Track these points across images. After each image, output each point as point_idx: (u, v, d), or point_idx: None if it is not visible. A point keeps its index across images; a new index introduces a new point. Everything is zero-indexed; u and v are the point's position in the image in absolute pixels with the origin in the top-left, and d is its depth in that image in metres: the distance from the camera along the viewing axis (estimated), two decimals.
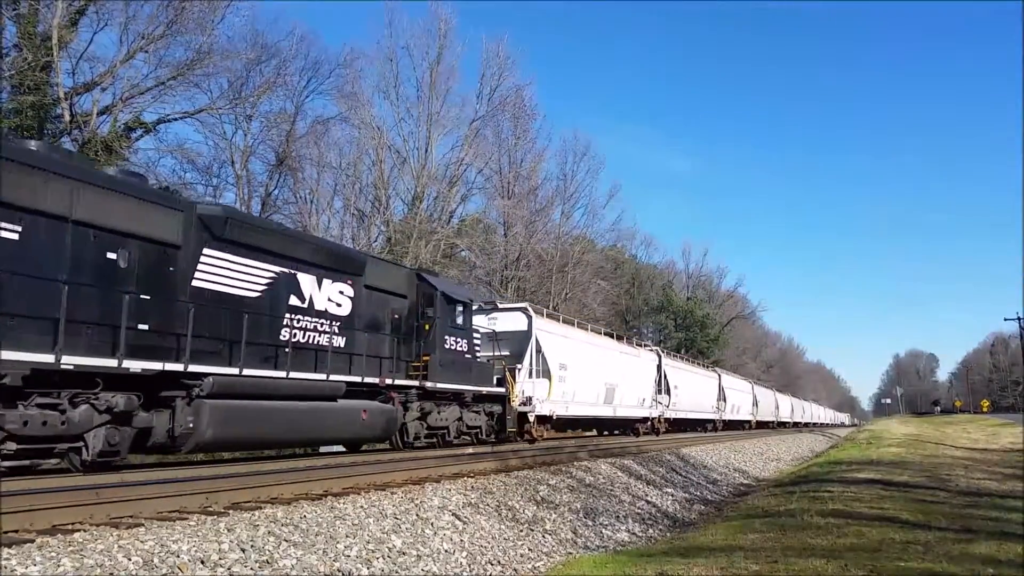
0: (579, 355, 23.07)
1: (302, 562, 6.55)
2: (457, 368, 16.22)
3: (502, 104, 36.14)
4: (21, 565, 5.12)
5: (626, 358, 27.60)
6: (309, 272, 12.74)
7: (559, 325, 22.91)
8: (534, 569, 8.70)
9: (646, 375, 29.56)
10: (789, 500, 14.07)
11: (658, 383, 30.99)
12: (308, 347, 12.52)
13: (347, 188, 31.86)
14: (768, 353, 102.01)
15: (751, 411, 50.27)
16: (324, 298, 13.05)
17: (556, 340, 21.74)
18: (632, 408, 27.80)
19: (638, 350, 29.92)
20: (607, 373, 25.19)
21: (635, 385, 27.99)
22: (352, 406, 12.98)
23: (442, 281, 16.97)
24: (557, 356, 21.38)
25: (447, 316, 16.16)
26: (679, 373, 34.27)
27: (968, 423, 62.53)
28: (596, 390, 24.45)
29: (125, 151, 22.21)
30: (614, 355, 26.59)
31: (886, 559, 7.83)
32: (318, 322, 12.78)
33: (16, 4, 20.03)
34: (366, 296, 14.13)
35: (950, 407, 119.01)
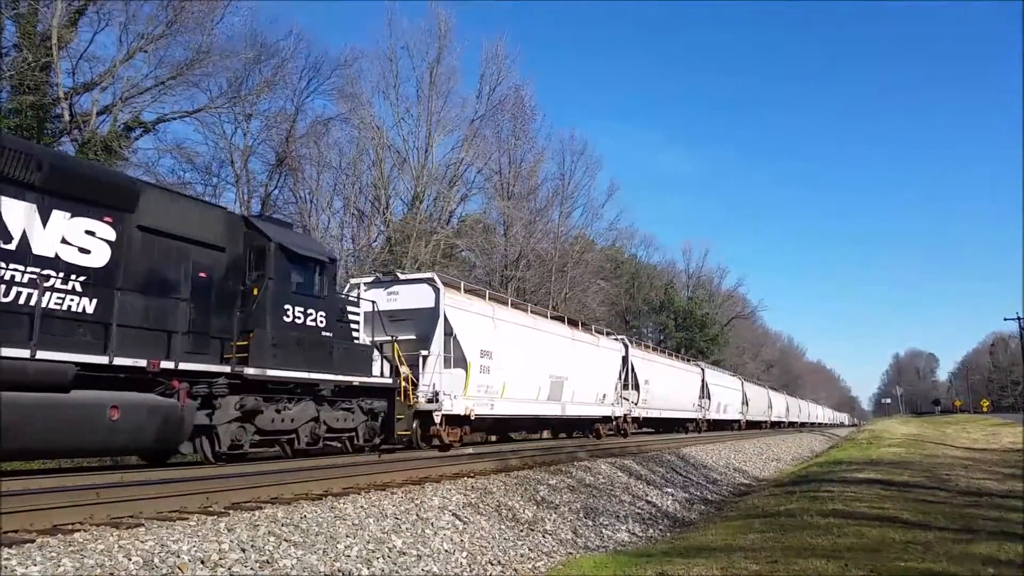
0: (510, 341, 18.67)
1: (302, 562, 6.55)
2: (306, 350, 12.07)
3: (501, 104, 36.13)
4: (21, 565, 5.12)
5: (580, 347, 23.26)
6: (21, 197, 8.72)
7: (482, 303, 18.35)
8: (534, 569, 8.70)
9: (608, 367, 25.52)
10: (789, 500, 14.08)
11: (624, 377, 27.08)
12: (15, 310, 8.46)
13: (347, 188, 31.85)
14: (768, 353, 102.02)
15: (740, 410, 47.01)
16: (52, 239, 8.97)
17: (476, 321, 17.39)
18: (588, 406, 23.67)
19: (597, 337, 25.40)
20: (553, 364, 20.95)
21: (592, 379, 23.84)
22: (91, 401, 8.84)
23: (283, 230, 12.57)
24: (477, 341, 17.21)
25: (288, 278, 11.99)
26: (651, 366, 30.22)
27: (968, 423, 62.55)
28: (537, 384, 20.18)
29: (124, 151, 22.21)
30: (563, 343, 22.13)
31: (886, 559, 7.83)
32: (37, 273, 8.67)
33: (16, 4, 20.02)
34: (140, 242, 10.05)
35: (950, 407, 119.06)
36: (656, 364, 31.35)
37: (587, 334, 24.53)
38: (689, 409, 35.98)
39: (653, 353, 32.34)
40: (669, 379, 32.65)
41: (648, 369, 29.69)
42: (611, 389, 25.60)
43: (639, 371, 28.29)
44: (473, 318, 17.36)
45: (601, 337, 25.86)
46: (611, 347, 26.22)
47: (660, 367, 31.77)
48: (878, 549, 8.49)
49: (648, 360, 30.34)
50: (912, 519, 10.88)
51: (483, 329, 17.70)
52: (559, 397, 21.31)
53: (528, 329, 20.23)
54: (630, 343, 28.28)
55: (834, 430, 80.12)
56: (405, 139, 33.35)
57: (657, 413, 30.72)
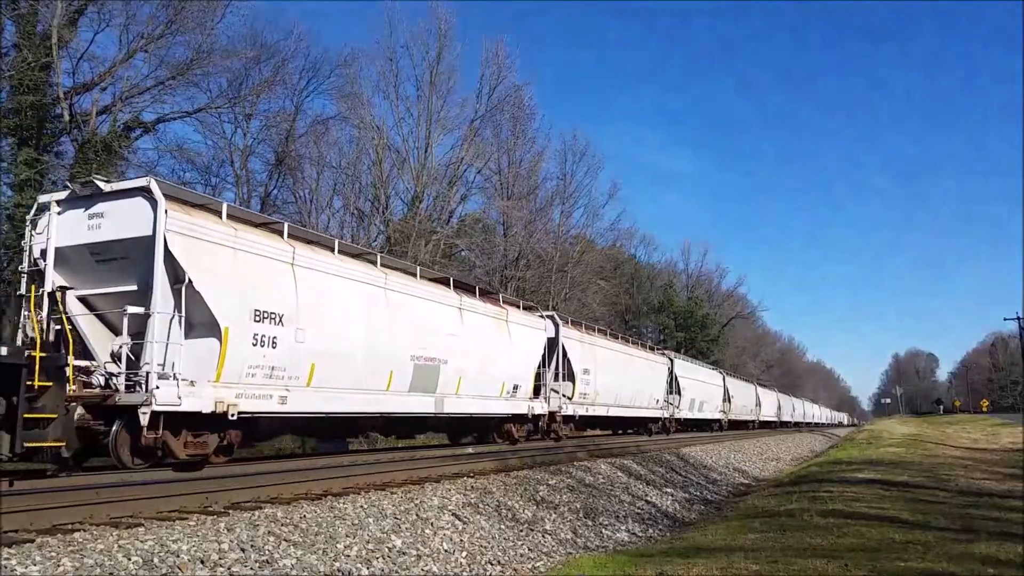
0: (328, 299, 12.52)
1: (302, 562, 6.55)
2: None
3: (501, 104, 36.08)
4: (21, 565, 5.12)
5: (475, 321, 17.04)
6: None
7: (267, 238, 11.65)
8: (534, 569, 8.70)
9: (524, 351, 19.40)
10: (789, 500, 14.08)
11: (555, 364, 21.51)
12: None
13: (347, 188, 31.83)
14: (768, 353, 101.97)
15: (720, 407, 41.21)
16: None
17: (248, 264, 10.97)
18: (487, 400, 17.72)
19: (505, 310, 18.90)
20: (420, 340, 14.80)
21: (496, 365, 17.82)
22: None
23: None
24: (248, 295, 10.85)
25: None
26: (593, 352, 24.08)
27: (968, 423, 62.58)
28: (386, 366, 13.85)
29: (124, 151, 22.22)
30: (442, 313, 15.90)
31: (886, 559, 7.83)
32: None
33: (16, 4, 20.03)
34: None
35: (950, 407, 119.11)
36: (601, 350, 24.91)
37: (489, 304, 17.96)
38: (651, 406, 30.04)
39: (598, 336, 25.71)
40: (621, 369, 26.43)
41: (589, 356, 23.67)
42: (528, 380, 19.51)
43: (576, 358, 22.52)
44: (241, 259, 10.81)
45: (513, 311, 19.37)
46: (530, 324, 19.98)
47: (607, 354, 25.39)
48: (878, 549, 8.49)
49: (590, 345, 24.11)
50: (912, 519, 10.89)
51: (265, 277, 11.23)
52: (431, 387, 15.11)
53: (368, 287, 13.49)
54: (562, 321, 22.44)
55: (833, 430, 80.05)
56: (405, 139, 33.36)
57: (603, 410, 24.80)
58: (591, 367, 23.57)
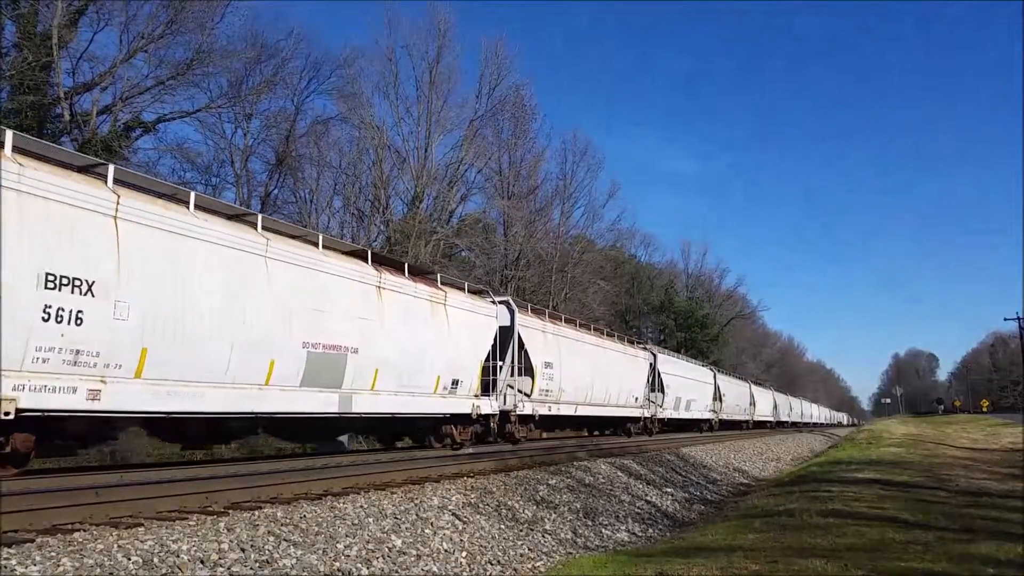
0: (162, 262, 9.83)
1: (302, 562, 6.55)
2: None
3: (501, 104, 36.17)
4: (21, 565, 5.12)
5: (398, 300, 14.28)
6: None
7: (42, 171, 8.59)
8: (534, 569, 8.70)
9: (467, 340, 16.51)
10: (789, 500, 14.08)
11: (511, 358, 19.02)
12: None
13: (347, 188, 31.89)
14: (768, 353, 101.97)
15: (710, 406, 38.56)
16: None
17: (7, 201, 8.08)
18: (417, 398, 14.80)
19: (443, 292, 15.96)
20: (319, 323, 12.18)
21: (428, 355, 15.00)
22: None
23: None
24: (5, 249, 8.03)
25: None
26: (557, 344, 21.54)
27: (968, 423, 62.57)
28: (265, 355, 11.12)
29: (125, 151, 22.22)
30: (346, 288, 13.00)
31: (886, 559, 7.83)
32: None
33: (16, 4, 20.05)
34: None
35: (950, 406, 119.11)
36: (569, 342, 22.27)
37: (420, 284, 15.22)
38: (630, 405, 27.24)
39: (566, 326, 22.99)
40: (593, 364, 23.73)
41: (553, 348, 21.11)
42: (472, 373, 16.65)
43: (535, 349, 19.89)
44: (29, 205, 8.31)
45: (455, 293, 16.50)
46: (476, 309, 17.09)
47: (576, 346, 22.76)
48: (878, 549, 8.49)
49: (554, 335, 21.47)
50: (912, 519, 10.88)
51: (68, 231, 8.68)
52: (335, 382, 12.48)
53: (240, 253, 10.73)
54: (519, 308, 19.65)
55: (832, 430, 79.98)
56: (405, 139, 33.40)
57: (570, 409, 22.17)
58: (555, 360, 20.83)
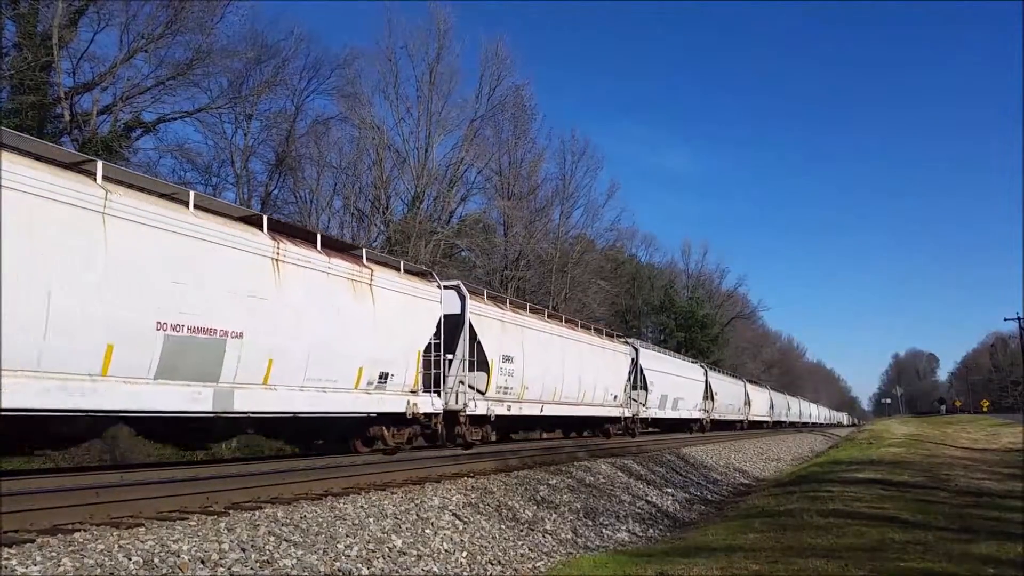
0: None
1: (302, 562, 6.55)
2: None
3: (501, 104, 36.13)
4: (21, 565, 5.12)
5: (309, 279, 12.09)
6: None
7: None
8: (534, 569, 8.70)
9: (402, 327, 14.33)
10: (789, 500, 14.08)
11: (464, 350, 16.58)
12: None
13: (347, 188, 31.88)
14: (768, 353, 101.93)
15: (700, 406, 36.35)
16: None
17: None
18: (336, 393, 12.54)
19: (369, 271, 13.59)
20: (188, 306, 9.93)
21: (347, 344, 12.77)
22: None
23: None
24: None
25: None
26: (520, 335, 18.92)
27: (968, 423, 62.56)
28: (137, 347, 9.21)
29: (125, 151, 22.22)
30: (246, 264, 10.95)
31: (886, 559, 7.83)
32: None
33: (16, 3, 20.04)
34: None
35: (951, 406, 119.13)
36: (534, 333, 19.81)
37: (336, 259, 12.75)
38: (608, 404, 24.72)
39: (530, 316, 20.19)
40: (562, 358, 21.35)
41: (514, 340, 18.56)
42: (408, 366, 14.31)
43: (490, 341, 17.37)
44: None
45: (384, 271, 14.07)
46: (413, 292, 14.74)
47: (542, 338, 20.31)
48: (878, 549, 8.49)
49: (515, 326, 18.90)
50: (912, 519, 10.88)
51: None
52: (208, 373, 10.06)
53: (57, 205, 8.34)
54: (471, 293, 17.16)
55: (832, 430, 79.92)
56: (405, 139, 33.38)
57: (534, 409, 19.59)
58: (517, 354, 18.35)
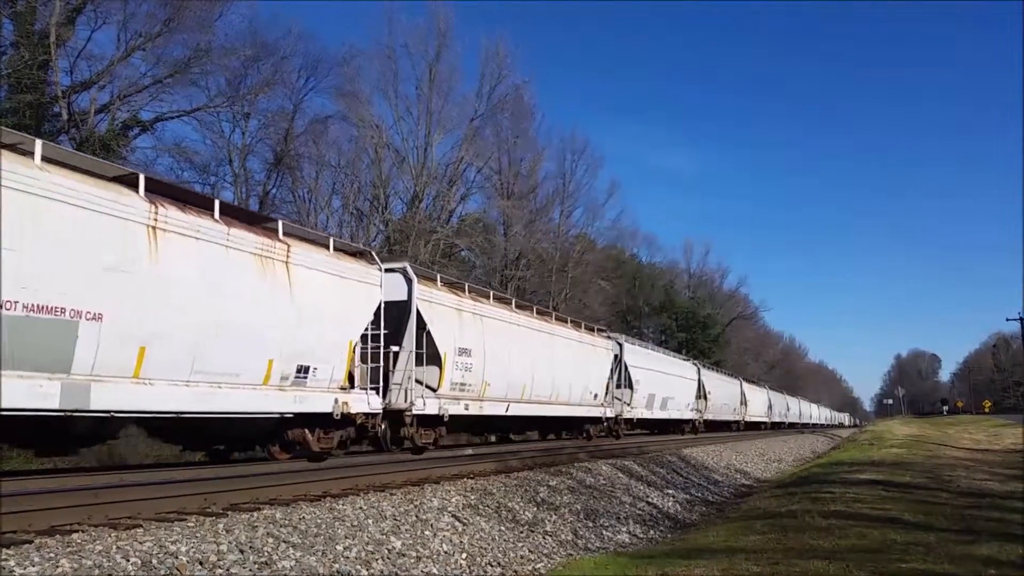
0: None
1: (301, 563, 6.52)
2: None
3: (502, 103, 36.15)
4: (19, 566, 5.10)
5: (179, 247, 9.79)
6: None
7: None
8: (534, 571, 8.67)
9: (319, 310, 12.13)
10: (791, 501, 14.04)
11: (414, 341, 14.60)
12: None
13: (346, 187, 31.87)
14: (770, 353, 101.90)
15: (692, 405, 34.75)
16: None
17: None
18: (240, 390, 10.62)
19: (272, 244, 11.29)
20: None
21: (236, 339, 10.57)
22: None
23: None
24: None
25: None
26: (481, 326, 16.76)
27: (970, 424, 62.56)
28: None
29: (123, 150, 22.21)
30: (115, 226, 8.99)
31: (888, 560, 7.80)
32: None
33: (14, 2, 20.02)
34: None
35: (952, 407, 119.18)
36: (496, 324, 17.59)
37: (238, 230, 10.66)
38: (587, 403, 22.85)
39: (494, 305, 17.97)
40: (532, 352, 19.10)
41: (473, 331, 16.44)
42: (335, 360, 12.30)
43: (443, 332, 15.22)
44: None
45: (303, 247, 11.99)
46: (343, 273, 12.66)
47: (506, 330, 18.10)
48: (880, 550, 8.46)
49: (474, 315, 16.68)
50: (914, 520, 10.85)
51: None
52: (58, 363, 8.34)
53: None
54: (418, 277, 15.01)
55: (834, 431, 79.88)
56: (404, 138, 33.38)
57: (498, 408, 17.49)
58: (476, 346, 16.32)
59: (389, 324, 13.86)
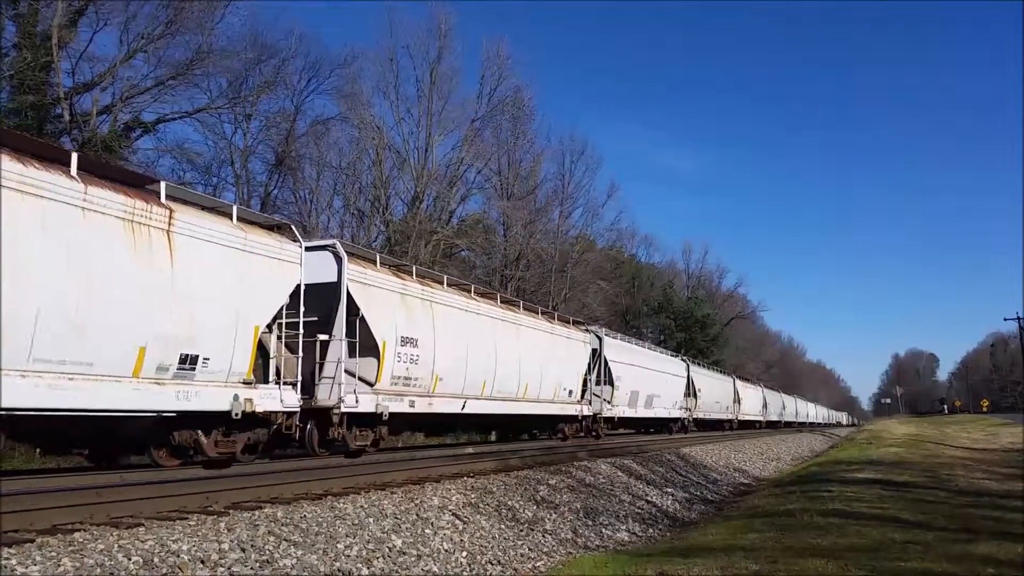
0: None
1: (302, 562, 6.55)
2: None
3: (502, 104, 36.21)
4: (21, 565, 5.12)
5: None
6: None
7: None
8: (534, 569, 8.70)
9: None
10: (789, 500, 14.07)
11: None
12: None
13: (347, 188, 31.96)
14: (768, 353, 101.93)
15: (681, 403, 33.04)
16: None
17: None
18: None
19: None
20: None
21: None
22: None
23: None
24: None
25: None
26: (395, 303, 13.99)
27: (968, 423, 62.61)
28: None
29: (125, 151, 22.25)
30: None
31: (886, 559, 7.83)
32: None
33: (16, 4, 20.06)
34: None
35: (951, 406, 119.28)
36: (448, 310, 15.59)
37: (85, 185, 8.61)
38: (561, 400, 21.03)
39: (449, 291, 16.04)
40: (493, 343, 17.24)
41: (422, 317, 14.62)
42: (239, 349, 10.58)
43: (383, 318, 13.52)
44: None
45: (195, 214, 10.18)
46: (247, 247, 10.71)
47: (464, 318, 16.21)
48: (878, 549, 8.49)
49: (422, 300, 14.75)
50: (912, 519, 10.88)
51: None
52: None
53: None
54: (349, 255, 13.00)
55: (832, 430, 79.88)
56: (405, 139, 33.44)
57: (452, 405, 15.80)
58: (424, 336, 14.46)
59: (319, 309, 12.19)
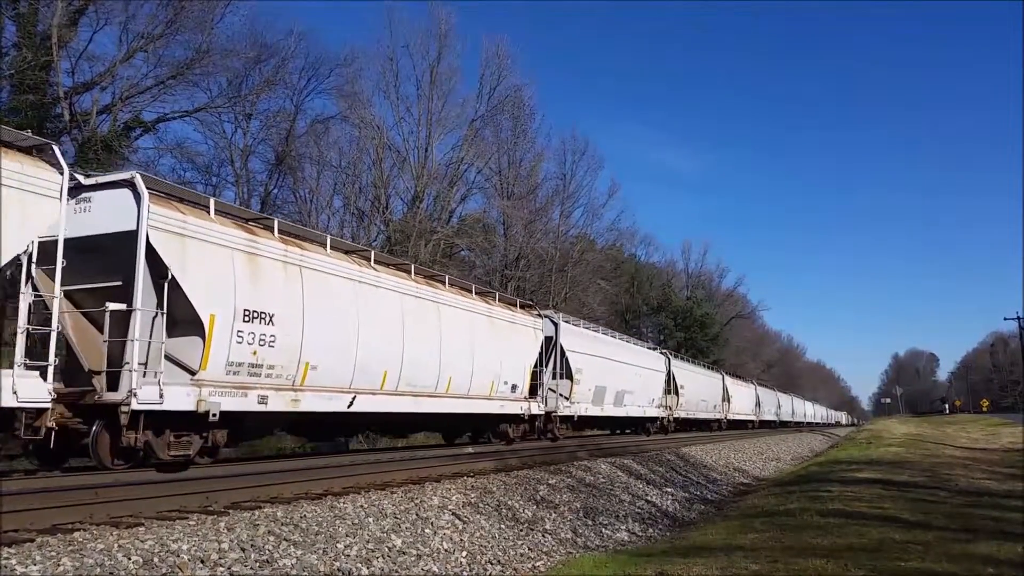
0: None
1: (302, 561, 6.55)
2: None
3: (502, 104, 36.14)
4: (21, 564, 5.13)
5: None
6: None
7: None
8: (534, 568, 8.70)
9: None
10: (789, 499, 14.07)
11: None
12: None
13: (347, 187, 31.89)
14: (768, 353, 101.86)
15: (659, 401, 30.01)
16: None
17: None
18: None
19: None
20: None
21: None
22: None
23: None
24: None
25: None
26: (251, 263, 10.47)
27: (968, 423, 62.61)
28: None
29: (125, 150, 22.23)
30: None
31: (886, 559, 7.82)
32: None
33: (16, 3, 20.05)
34: None
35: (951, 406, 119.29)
36: (328, 278, 12.26)
37: None
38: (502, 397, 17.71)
39: (333, 255, 12.60)
40: (400, 323, 13.89)
41: (283, 286, 11.17)
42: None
43: (218, 284, 10.14)
44: None
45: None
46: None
47: (359, 290, 12.92)
48: (878, 549, 8.49)
49: (284, 264, 11.21)
50: (912, 519, 10.87)
51: None
52: None
53: None
54: (148, 191, 9.39)
55: (831, 430, 79.85)
56: (405, 139, 33.40)
57: (335, 402, 12.30)
58: (284, 310, 11.05)
59: (121, 269, 9.27)
